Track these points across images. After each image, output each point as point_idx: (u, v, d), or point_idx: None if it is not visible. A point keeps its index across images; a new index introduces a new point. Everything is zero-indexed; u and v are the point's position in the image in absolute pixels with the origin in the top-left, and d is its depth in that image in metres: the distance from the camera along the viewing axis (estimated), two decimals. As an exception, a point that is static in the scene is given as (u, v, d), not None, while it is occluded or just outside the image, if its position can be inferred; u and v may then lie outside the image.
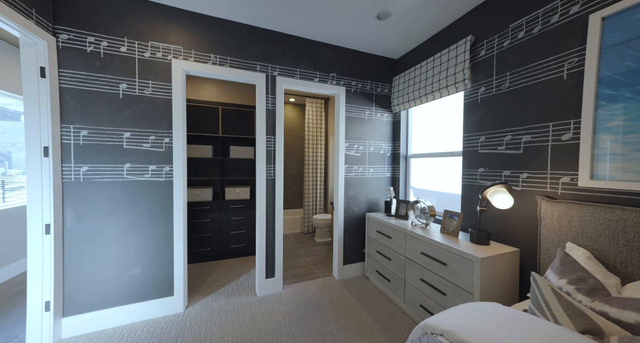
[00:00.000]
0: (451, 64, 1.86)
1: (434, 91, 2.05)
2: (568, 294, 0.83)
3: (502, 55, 1.52)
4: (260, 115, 2.09)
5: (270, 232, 2.17)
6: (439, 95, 2.02)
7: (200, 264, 2.77)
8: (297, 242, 3.65)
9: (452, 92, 1.88)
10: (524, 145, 1.40)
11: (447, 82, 1.90)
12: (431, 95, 2.08)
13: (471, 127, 1.75)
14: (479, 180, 1.69)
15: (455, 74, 1.82)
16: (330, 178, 4.16)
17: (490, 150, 1.61)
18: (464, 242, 1.51)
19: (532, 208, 1.35)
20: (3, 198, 2.73)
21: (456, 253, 1.39)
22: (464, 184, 1.81)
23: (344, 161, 2.44)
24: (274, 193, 2.17)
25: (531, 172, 1.36)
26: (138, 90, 1.71)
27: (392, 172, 2.69)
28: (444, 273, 1.48)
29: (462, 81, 1.77)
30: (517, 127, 1.44)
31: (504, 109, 1.52)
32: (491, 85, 1.60)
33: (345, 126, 2.44)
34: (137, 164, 1.72)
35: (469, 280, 1.29)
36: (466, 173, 1.79)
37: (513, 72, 1.46)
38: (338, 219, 2.44)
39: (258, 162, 2.10)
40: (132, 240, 1.72)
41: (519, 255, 1.37)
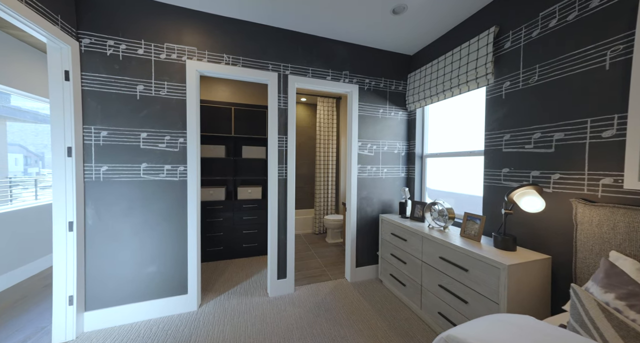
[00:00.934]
0: (472, 58, 1.75)
1: (452, 87, 1.95)
2: (618, 311, 0.74)
3: (531, 46, 1.41)
4: (272, 115, 2.08)
5: (282, 232, 2.15)
6: (458, 92, 1.92)
7: (213, 263, 2.80)
8: (308, 242, 3.63)
9: (473, 87, 1.78)
10: (555, 143, 1.28)
11: (468, 78, 1.80)
12: (449, 91, 1.98)
13: (494, 124, 1.64)
14: (502, 181, 1.58)
15: (476, 69, 1.71)
16: (342, 179, 4.11)
17: (516, 149, 1.50)
18: (487, 247, 1.42)
19: (565, 212, 1.23)
20: (36, 196, 2.90)
21: (479, 259, 1.30)
22: (486, 185, 1.70)
23: (356, 161, 2.38)
24: (286, 193, 2.15)
25: (565, 172, 1.24)
26: (154, 91, 1.74)
27: (407, 173, 2.59)
28: (465, 279, 1.39)
29: (484, 76, 1.67)
30: (547, 124, 1.32)
31: (532, 105, 1.41)
32: (517, 79, 1.49)
33: (358, 125, 2.38)
34: (153, 164, 1.75)
35: (493, 289, 1.20)
36: (488, 173, 1.68)
37: (543, 64, 1.35)
38: (350, 221, 2.39)
39: (270, 161, 2.09)
40: (148, 238, 1.75)
41: (551, 263, 1.26)
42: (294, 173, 2.17)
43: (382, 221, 2.35)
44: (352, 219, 2.39)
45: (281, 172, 2.13)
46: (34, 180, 2.99)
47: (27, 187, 2.96)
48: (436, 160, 2.39)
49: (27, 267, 2.39)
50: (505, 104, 1.57)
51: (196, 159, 1.86)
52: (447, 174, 2.27)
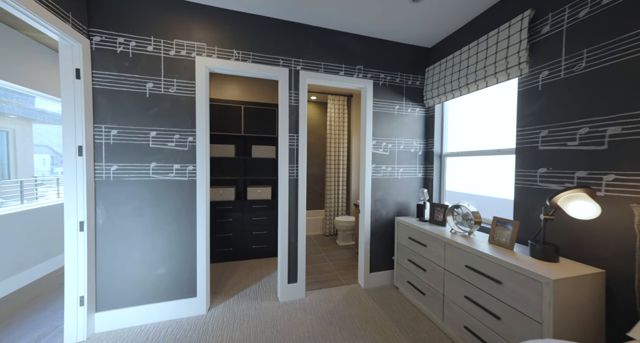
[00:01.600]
0: (501, 46, 1.59)
1: (477, 80, 1.78)
2: None
3: (577, 29, 1.24)
4: (282, 112, 2.00)
5: (293, 235, 2.06)
6: (483, 85, 1.76)
7: (223, 264, 2.77)
8: (318, 244, 3.53)
9: (502, 79, 1.62)
10: (609, 139, 1.11)
11: (496, 69, 1.63)
12: (474, 85, 1.82)
13: (528, 119, 1.48)
14: (539, 183, 1.41)
15: (506, 58, 1.55)
16: (353, 179, 3.98)
17: (555, 146, 1.33)
18: (522, 256, 1.26)
19: (623, 220, 1.06)
20: (58, 194, 2.98)
21: (516, 271, 1.15)
22: (518, 187, 1.54)
23: (371, 160, 2.26)
24: (297, 194, 2.06)
25: (622, 173, 1.07)
26: (163, 89, 1.70)
27: (424, 173, 2.44)
28: (497, 292, 1.24)
29: (516, 66, 1.50)
30: (598, 117, 1.15)
31: (577, 96, 1.24)
32: (558, 68, 1.32)
33: (372, 122, 2.26)
34: (162, 163, 1.72)
35: (534, 306, 1.05)
36: (521, 174, 1.52)
37: (593, 49, 1.17)
38: (364, 223, 2.26)
39: (280, 161, 2.01)
40: (158, 239, 1.72)
41: (605, 278, 1.09)
42: (305, 173, 2.08)
43: (398, 224, 2.21)
44: (366, 222, 2.27)
45: (292, 172, 2.05)
46: (56, 179, 3.08)
47: (52, 186, 3.05)
48: (456, 160, 2.22)
49: (46, 264, 2.44)
50: (542, 96, 1.40)
51: (205, 158, 1.81)
52: (469, 175, 2.10)
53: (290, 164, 2.04)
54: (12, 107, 2.60)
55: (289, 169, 2.03)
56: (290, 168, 2.04)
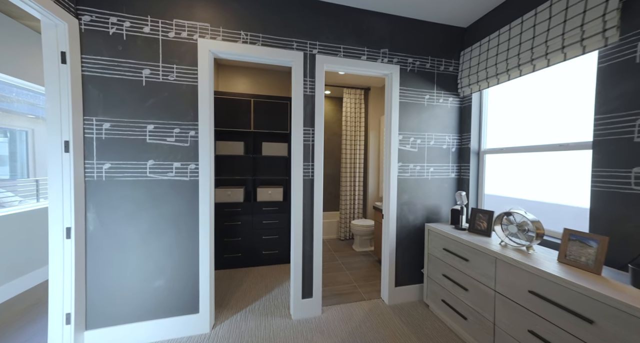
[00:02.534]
0: (574, 12, 1.26)
1: (534, 59, 1.45)
2: None
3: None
4: (296, 103, 1.75)
5: (308, 243, 1.80)
6: (542, 65, 1.43)
7: (230, 271, 2.55)
8: (333, 250, 3.26)
9: (573, 54, 1.28)
10: None
11: (564, 42, 1.30)
12: (528, 65, 1.49)
13: (616, 103, 1.14)
14: (634, 186, 1.07)
15: (582, 26, 1.22)
16: (371, 179, 3.68)
17: (662, 137, 0.99)
18: (620, 285, 0.94)
19: None
20: None
21: (619, 308, 0.83)
22: (598, 191, 1.20)
23: (397, 158, 1.96)
24: (312, 196, 1.80)
25: None
26: (162, 76, 1.49)
27: (458, 173, 2.11)
28: (585, 335, 0.93)
29: (597, 35, 1.17)
30: None
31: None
32: (667, 32, 0.98)
33: (399, 114, 1.96)
34: (160, 161, 1.50)
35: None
36: (603, 174, 1.18)
37: None
38: (389, 231, 1.97)
39: (294, 158, 1.76)
40: (155, 247, 1.51)
41: None
42: (321, 173, 1.81)
43: (429, 232, 1.90)
44: (391, 229, 1.97)
45: (307, 172, 1.79)
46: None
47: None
48: (498, 158, 1.89)
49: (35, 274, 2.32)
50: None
51: (209, 155, 1.59)
52: (515, 175, 1.76)
53: (305, 162, 1.78)
54: (32, 107, 2.51)
55: (303, 168, 1.78)
56: (305, 167, 1.78)
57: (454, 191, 2.11)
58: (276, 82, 3.10)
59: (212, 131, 1.62)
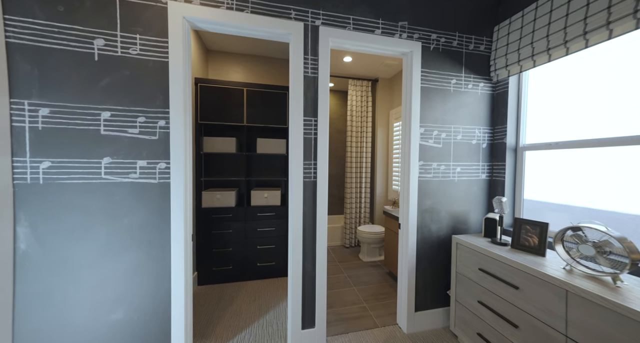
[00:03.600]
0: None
1: (596, 29, 1.10)
2: None
3: None
4: (295, 88, 1.40)
5: (309, 261, 1.46)
6: (603, 37, 1.07)
7: (220, 287, 2.21)
8: (338, 259, 2.91)
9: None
10: None
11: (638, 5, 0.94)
12: (594, 35, 1.14)
13: None
14: None
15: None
16: (379, 181, 3.33)
17: None
18: None
19: None
20: None
21: None
22: None
23: (417, 156, 1.62)
24: (315, 204, 1.46)
25: None
26: (121, 49, 1.15)
27: (490, 173, 1.76)
28: None
29: None
30: None
31: None
32: None
33: (420, 102, 1.61)
34: (119, 159, 1.17)
35: None
36: None
37: None
38: (407, 244, 1.62)
39: (291, 156, 1.42)
40: (113, 269, 1.17)
41: None
42: (326, 174, 1.47)
43: (458, 247, 1.55)
44: (410, 241, 1.62)
45: (308, 172, 1.44)
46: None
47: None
48: (543, 155, 1.53)
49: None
50: None
51: (184, 150, 1.25)
52: (565, 176, 1.41)
53: (305, 161, 1.44)
54: None
55: (303, 168, 1.43)
56: (306, 166, 1.44)
57: (484, 195, 1.76)
58: (274, 71, 2.76)
59: (188, 121, 1.28)
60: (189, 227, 1.31)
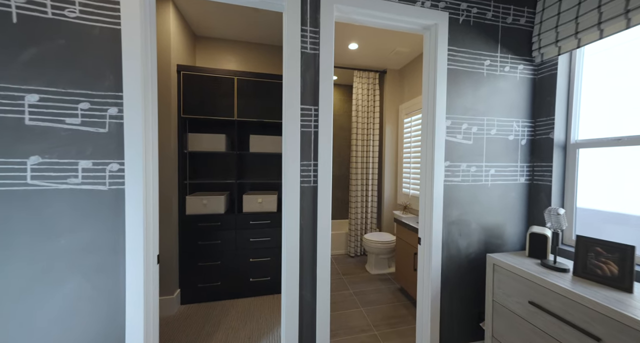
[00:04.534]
0: None
1: None
2: None
3: None
4: (290, 67, 1.10)
5: (308, 288, 1.15)
6: None
7: (207, 306, 1.92)
8: (342, 271, 2.60)
9: None
10: None
11: None
12: None
13: None
14: None
15: None
16: (387, 183, 3.01)
17: None
18: None
19: None
20: None
21: None
22: None
23: (443, 154, 1.30)
24: (315, 215, 1.15)
25: None
26: (52, 9, 0.86)
27: (530, 175, 1.44)
28: None
29: None
30: None
31: None
32: None
33: (447, 88, 1.30)
34: (53, 158, 0.87)
35: None
36: None
37: None
38: (430, 263, 1.31)
39: (286, 155, 1.11)
40: (46, 305, 0.88)
41: None
42: (329, 177, 1.16)
43: (496, 269, 1.24)
44: (434, 261, 1.31)
45: (307, 175, 1.14)
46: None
47: None
48: (602, 153, 1.21)
49: None
50: None
51: (144, 148, 0.95)
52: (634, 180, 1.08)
53: (304, 161, 1.13)
54: None
55: (301, 170, 1.13)
56: (304, 168, 1.13)
57: (523, 203, 1.44)
58: (270, 60, 2.46)
59: (152, 109, 0.99)
60: (153, 246, 1.01)
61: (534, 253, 1.21)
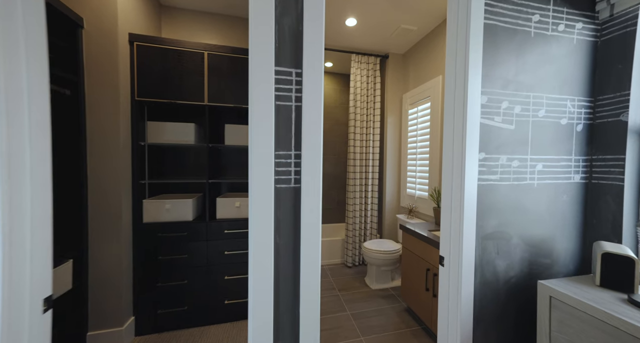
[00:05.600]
0: None
1: None
2: None
3: None
4: (258, 5, 0.72)
5: (288, 338, 0.77)
6: None
7: (170, 336, 1.53)
8: (338, 286, 2.23)
9: None
10: None
11: None
12: None
13: None
14: None
15: None
16: (389, 183, 2.65)
17: None
18: None
19: None
20: None
21: None
22: None
23: (477, 143, 0.94)
24: (298, 227, 0.77)
25: None
26: None
27: (588, 172, 1.09)
28: None
29: None
30: None
31: None
32: None
33: (482, 53, 0.93)
34: None
35: None
36: None
37: None
38: (459, 293, 0.94)
39: (252, 141, 0.73)
40: None
41: None
42: (319, 173, 0.79)
43: (554, 304, 0.88)
44: (464, 290, 0.95)
45: (285, 170, 0.76)
46: None
47: None
48: None
49: None
50: None
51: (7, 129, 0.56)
52: None
53: (280, 150, 0.76)
54: None
55: (275, 163, 0.75)
56: (281, 160, 0.76)
57: (577, 209, 1.08)
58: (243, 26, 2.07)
59: (36, 68, 0.60)
60: (31, 282, 0.63)
61: (610, 282, 0.86)
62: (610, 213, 1.02)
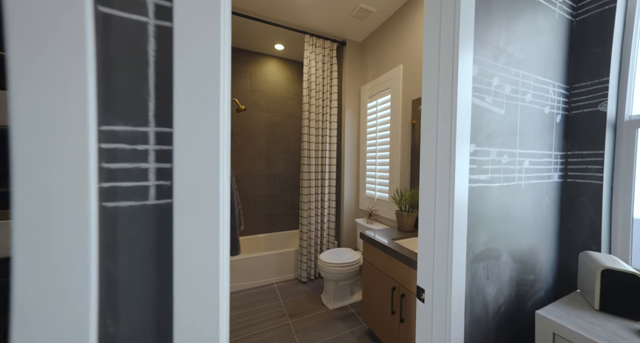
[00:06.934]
0: None
1: None
2: None
3: None
4: None
5: None
6: None
7: None
8: (288, 312, 1.83)
9: None
10: None
11: None
12: None
13: None
14: None
15: None
16: (347, 184, 2.39)
17: None
18: None
19: None
20: None
21: None
22: None
23: (468, 131, 0.67)
24: (169, 296, 0.35)
25: None
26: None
27: (563, 171, 0.96)
28: None
29: None
30: None
31: None
32: None
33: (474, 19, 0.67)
34: None
35: None
36: None
37: None
38: (447, 337, 0.66)
39: (25, 100, 0.27)
40: None
41: None
42: (227, 176, 0.38)
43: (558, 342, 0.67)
44: (454, 334, 0.67)
45: (131, 167, 0.32)
46: None
47: None
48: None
49: None
50: None
51: None
52: None
53: (117, 123, 0.31)
54: None
55: (105, 151, 0.31)
56: (118, 143, 0.32)
57: (556, 214, 0.95)
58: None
59: None
60: None
61: (613, 306, 0.69)
62: (587, 217, 0.90)
